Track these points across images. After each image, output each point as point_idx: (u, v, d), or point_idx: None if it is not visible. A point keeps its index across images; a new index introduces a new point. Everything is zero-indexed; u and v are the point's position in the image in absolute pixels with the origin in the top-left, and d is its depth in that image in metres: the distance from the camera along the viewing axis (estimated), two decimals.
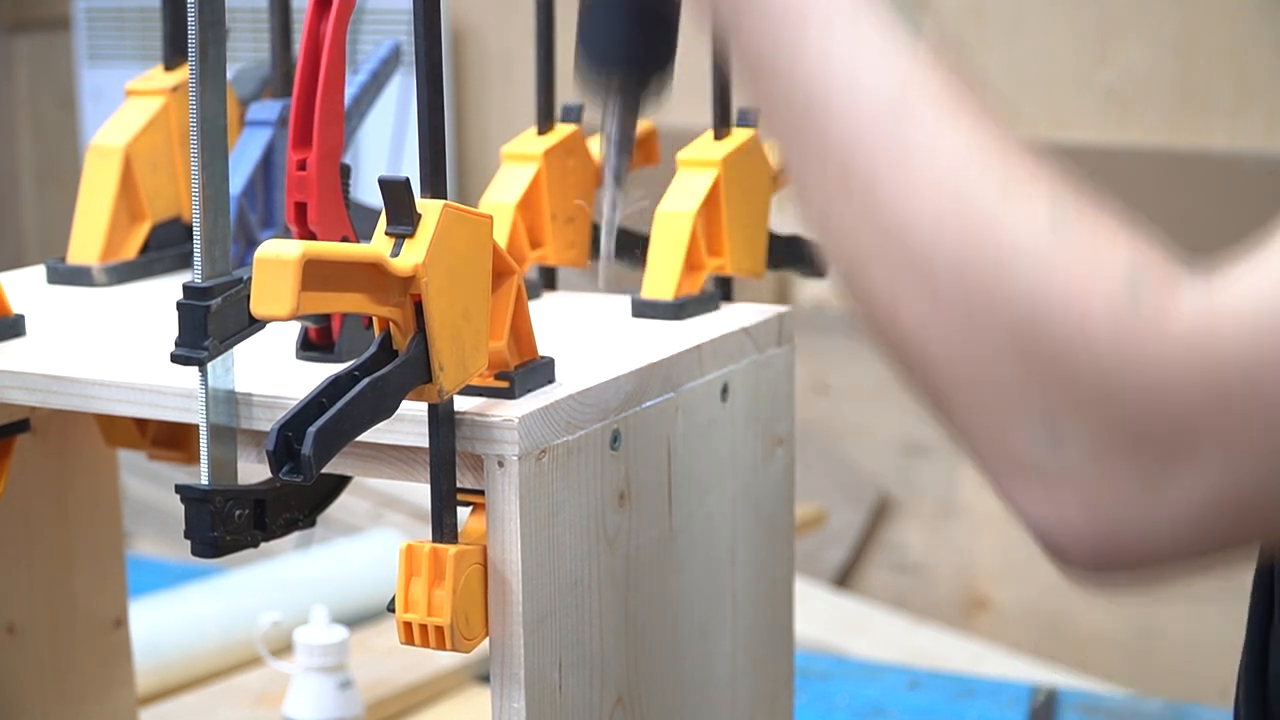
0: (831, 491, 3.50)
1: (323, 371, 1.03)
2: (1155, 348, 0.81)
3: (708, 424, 1.18)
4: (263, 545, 1.07)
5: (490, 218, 1.01)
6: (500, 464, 1.00)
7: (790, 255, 1.34)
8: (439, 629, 1.00)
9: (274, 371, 1.11)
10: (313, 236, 1.11)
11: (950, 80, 0.89)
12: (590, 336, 1.21)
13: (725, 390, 1.20)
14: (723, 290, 1.30)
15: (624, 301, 1.28)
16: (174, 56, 1.40)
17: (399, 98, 3.66)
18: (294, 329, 1.16)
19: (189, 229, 1.39)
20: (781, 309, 1.27)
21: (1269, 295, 0.80)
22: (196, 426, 1.06)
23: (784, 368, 1.27)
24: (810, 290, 3.56)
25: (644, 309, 1.25)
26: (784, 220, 1.28)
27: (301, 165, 1.11)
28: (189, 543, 1.03)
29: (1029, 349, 0.83)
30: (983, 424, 0.85)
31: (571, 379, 1.08)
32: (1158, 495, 0.82)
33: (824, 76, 0.89)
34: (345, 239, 1.12)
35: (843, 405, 3.58)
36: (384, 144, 3.77)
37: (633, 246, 1.27)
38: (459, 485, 1.01)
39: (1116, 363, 0.81)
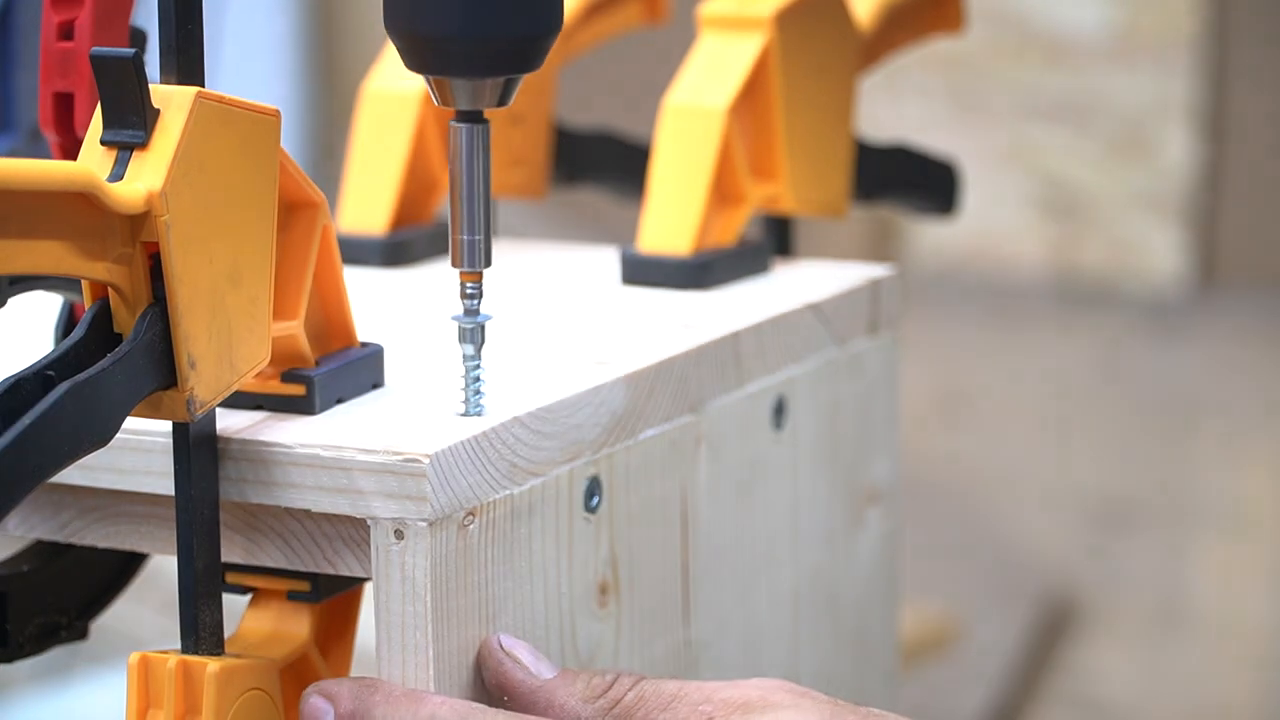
0: (969, 586, 2.78)
1: None
2: None
3: (750, 467, 0.98)
4: None
5: (277, 113, 0.84)
6: (399, 535, 0.80)
7: (895, 180, 1.15)
8: None
9: None
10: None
11: None
12: (551, 316, 1.02)
13: (780, 410, 1.00)
14: (777, 239, 1.11)
15: (608, 258, 1.09)
16: None
17: None
18: (52, 306, 0.96)
19: None
20: (878, 272, 1.07)
21: None
22: None
23: (881, 372, 1.07)
24: (929, 239, 3.10)
25: (642, 270, 1.04)
26: (883, 122, 1.00)
27: (66, 31, 0.92)
28: None
29: None
30: None
31: (517, 390, 0.87)
32: None
33: None
34: None
35: (986, 434, 2.98)
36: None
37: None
38: (258, 563, 0.85)
39: None
